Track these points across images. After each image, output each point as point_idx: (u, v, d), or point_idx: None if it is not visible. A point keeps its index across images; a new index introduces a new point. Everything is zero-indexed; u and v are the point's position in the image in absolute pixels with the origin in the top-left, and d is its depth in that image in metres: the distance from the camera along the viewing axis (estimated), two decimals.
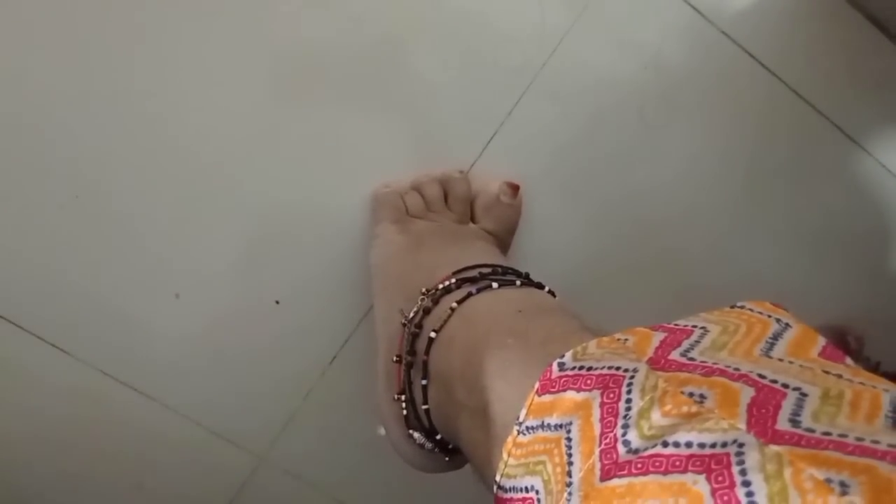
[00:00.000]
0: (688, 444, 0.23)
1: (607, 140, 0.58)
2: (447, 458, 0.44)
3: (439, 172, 0.55)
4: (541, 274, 0.45)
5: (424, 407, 0.41)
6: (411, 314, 0.44)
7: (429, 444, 0.43)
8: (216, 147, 0.52)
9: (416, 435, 0.43)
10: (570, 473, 0.26)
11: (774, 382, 0.24)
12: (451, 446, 0.42)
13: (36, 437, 0.56)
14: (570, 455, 0.26)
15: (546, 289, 0.43)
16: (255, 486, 0.60)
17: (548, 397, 0.29)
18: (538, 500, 0.28)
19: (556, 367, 0.29)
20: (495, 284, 0.42)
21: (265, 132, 0.53)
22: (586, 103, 0.57)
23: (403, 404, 0.42)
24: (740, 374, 0.25)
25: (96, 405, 0.55)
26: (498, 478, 0.30)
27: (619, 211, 0.60)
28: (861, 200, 0.64)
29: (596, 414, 0.26)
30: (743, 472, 0.21)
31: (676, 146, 0.60)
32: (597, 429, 0.26)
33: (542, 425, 0.28)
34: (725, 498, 0.20)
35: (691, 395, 0.24)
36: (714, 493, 0.21)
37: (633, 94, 0.58)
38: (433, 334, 0.41)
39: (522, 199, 0.56)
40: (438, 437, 0.42)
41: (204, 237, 0.54)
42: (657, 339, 0.29)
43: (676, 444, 0.23)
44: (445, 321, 0.40)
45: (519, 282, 0.43)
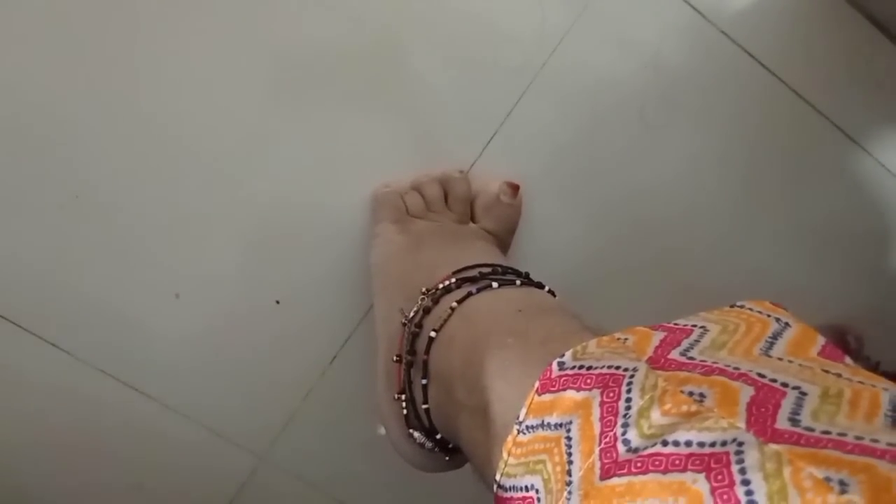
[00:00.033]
0: (687, 443, 0.23)
1: (607, 140, 0.58)
2: (447, 458, 0.44)
3: (439, 172, 0.55)
4: (541, 274, 0.45)
5: (424, 406, 0.41)
6: (411, 314, 0.44)
7: (429, 444, 0.43)
8: (216, 147, 0.52)
9: (417, 434, 0.43)
10: (569, 472, 0.26)
11: (774, 381, 0.24)
12: (451, 446, 0.42)
13: (36, 437, 0.56)
14: (569, 454, 0.26)
15: (546, 288, 0.43)
16: (255, 486, 0.60)
17: (548, 396, 0.29)
18: (538, 500, 0.28)
19: (555, 366, 0.29)
20: (495, 284, 0.42)
21: (265, 132, 0.53)
22: (586, 103, 0.57)
23: (403, 404, 0.43)
24: (740, 374, 0.25)
25: (96, 405, 0.55)
26: (498, 477, 0.30)
27: (619, 211, 0.60)
28: (861, 200, 0.64)
29: (596, 413, 0.26)
30: (742, 471, 0.21)
31: (676, 146, 0.60)
32: (597, 428, 0.26)
33: (542, 424, 0.28)
34: (725, 497, 0.21)
35: (691, 394, 0.24)
36: (713, 491, 0.21)
37: (633, 94, 0.58)
38: (433, 334, 0.41)
39: (522, 198, 0.56)
40: (438, 437, 0.42)
41: (204, 237, 0.54)
42: (657, 338, 0.29)
43: (676, 443, 0.23)
44: (445, 321, 0.41)
45: (519, 281, 0.43)
